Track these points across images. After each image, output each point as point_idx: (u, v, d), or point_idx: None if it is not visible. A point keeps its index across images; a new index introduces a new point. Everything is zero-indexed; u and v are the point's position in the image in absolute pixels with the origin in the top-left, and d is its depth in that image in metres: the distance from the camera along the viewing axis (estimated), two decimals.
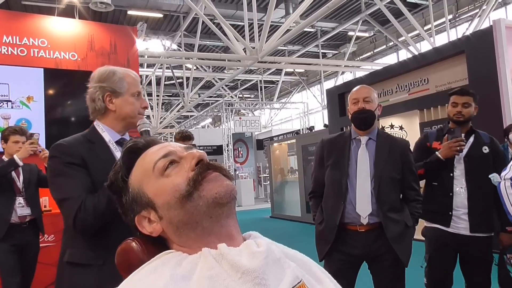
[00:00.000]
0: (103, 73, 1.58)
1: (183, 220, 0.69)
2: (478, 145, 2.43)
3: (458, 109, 2.43)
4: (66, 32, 3.97)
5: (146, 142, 0.81)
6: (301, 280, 0.68)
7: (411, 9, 10.80)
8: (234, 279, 0.62)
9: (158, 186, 0.72)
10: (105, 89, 1.56)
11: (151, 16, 10.52)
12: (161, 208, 0.71)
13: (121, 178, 0.78)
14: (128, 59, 4.19)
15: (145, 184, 0.74)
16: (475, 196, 2.33)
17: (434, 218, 2.46)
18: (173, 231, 0.71)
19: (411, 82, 6.57)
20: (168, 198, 0.70)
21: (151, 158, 0.75)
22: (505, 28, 5.03)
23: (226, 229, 0.70)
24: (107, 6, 7.20)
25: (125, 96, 1.57)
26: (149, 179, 0.73)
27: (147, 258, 0.69)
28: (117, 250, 0.73)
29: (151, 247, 0.72)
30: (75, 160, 1.46)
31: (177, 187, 0.70)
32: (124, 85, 1.57)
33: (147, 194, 0.73)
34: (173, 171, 0.72)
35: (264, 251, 0.67)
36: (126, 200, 0.77)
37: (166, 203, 0.70)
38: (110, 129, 1.59)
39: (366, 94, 2.22)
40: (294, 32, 7.10)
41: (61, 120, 3.83)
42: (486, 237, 2.35)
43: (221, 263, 0.64)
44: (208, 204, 0.68)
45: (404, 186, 2.20)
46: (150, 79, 14.25)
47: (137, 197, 0.74)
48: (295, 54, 14.58)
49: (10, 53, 3.70)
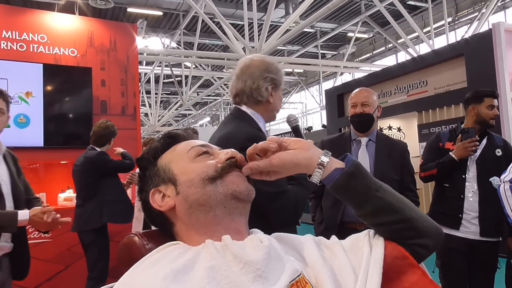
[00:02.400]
0: (270, 64, 1.56)
1: (199, 201, 0.72)
2: (491, 147, 2.40)
3: (495, 112, 2.40)
4: (66, 28, 3.96)
5: (186, 134, 0.87)
6: (301, 273, 0.69)
7: (410, 11, 10.82)
8: (235, 270, 0.63)
9: (187, 165, 0.76)
10: (274, 80, 1.55)
11: (150, 13, 10.50)
12: (182, 185, 0.74)
13: (153, 155, 0.82)
14: (128, 56, 4.18)
15: (174, 163, 0.78)
16: (487, 199, 2.29)
17: (443, 220, 2.41)
18: (186, 208, 0.73)
19: (409, 84, 6.59)
20: (193, 176, 0.74)
21: (188, 144, 0.80)
22: (504, 31, 5.04)
23: (236, 224, 0.73)
24: (107, 3, 7.19)
25: (279, 91, 1.60)
26: (180, 160, 0.77)
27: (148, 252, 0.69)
28: (119, 245, 0.74)
29: (153, 242, 0.73)
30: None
31: (206, 168, 0.74)
32: (282, 80, 1.60)
33: (172, 170, 0.77)
34: (204, 160, 0.76)
35: (266, 246, 0.69)
36: (149, 174, 0.80)
37: (189, 181, 0.74)
38: (263, 120, 1.58)
39: (364, 99, 2.24)
40: (293, 32, 7.10)
41: (60, 116, 3.82)
42: (494, 242, 2.34)
43: (224, 254, 0.66)
44: (226, 194, 0.72)
45: (402, 187, 2.20)
46: (149, 76, 14.23)
47: (162, 172, 0.78)
48: (294, 54, 14.59)
49: (10, 48, 3.68)
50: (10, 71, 3.57)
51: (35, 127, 3.63)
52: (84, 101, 3.87)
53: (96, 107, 3.95)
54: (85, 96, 3.87)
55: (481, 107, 2.41)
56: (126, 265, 0.71)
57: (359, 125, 2.24)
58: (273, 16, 7.77)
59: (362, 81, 7.54)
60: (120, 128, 3.97)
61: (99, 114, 3.94)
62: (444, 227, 2.42)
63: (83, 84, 3.87)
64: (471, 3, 10.86)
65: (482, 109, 2.41)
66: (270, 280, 0.64)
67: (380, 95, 7.06)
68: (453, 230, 2.36)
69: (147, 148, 0.85)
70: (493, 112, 2.40)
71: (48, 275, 3.51)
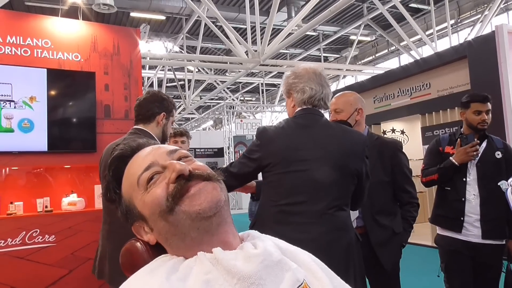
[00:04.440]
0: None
1: (170, 231, 0.68)
2: (491, 150, 2.39)
3: (483, 118, 2.37)
4: (70, 33, 3.98)
5: (131, 149, 0.79)
6: (303, 281, 0.66)
7: (413, 14, 10.81)
8: (231, 284, 0.61)
9: (143, 199, 0.71)
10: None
11: (153, 18, 10.54)
12: (149, 220, 0.71)
13: (113, 191, 0.78)
14: (131, 60, 4.20)
15: (134, 198, 0.73)
16: (488, 202, 2.30)
17: (445, 224, 2.43)
18: (164, 241, 0.71)
19: (413, 86, 6.57)
20: (151, 211, 0.69)
21: (135, 171, 0.73)
22: (507, 33, 5.03)
23: (218, 237, 0.68)
24: (110, 7, 7.22)
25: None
26: (136, 193, 0.72)
27: (151, 258, 0.69)
28: (121, 251, 0.73)
29: (155, 248, 0.72)
30: None
31: (157, 200, 0.68)
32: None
33: (136, 208, 0.72)
34: (155, 184, 0.70)
35: (260, 253, 0.65)
36: (121, 211, 0.77)
37: (151, 215, 0.70)
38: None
39: (334, 106, 2.21)
40: (296, 35, 7.11)
41: (63, 121, 3.83)
42: (497, 245, 2.32)
43: (217, 268, 0.63)
44: (192, 218, 0.66)
45: (396, 188, 2.18)
46: (152, 81, 14.27)
47: (129, 209, 0.74)
48: (297, 57, 14.60)
49: (14, 53, 3.70)
50: (14, 76, 3.58)
51: (39, 131, 3.64)
52: (88, 105, 3.88)
53: (99, 111, 3.96)
54: (89, 100, 3.89)
55: (468, 113, 2.42)
56: (128, 271, 0.71)
57: None
58: (276, 19, 7.79)
59: (365, 84, 7.53)
60: (123, 133, 3.98)
61: (102, 119, 3.95)
62: (447, 230, 2.42)
63: (87, 89, 3.88)
64: (474, 5, 10.84)
65: (469, 115, 2.42)
66: None
67: (383, 97, 7.05)
68: (456, 233, 2.36)
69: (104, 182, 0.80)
70: (480, 117, 2.38)
71: (52, 279, 3.52)
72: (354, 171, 1.64)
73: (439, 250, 2.48)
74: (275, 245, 0.72)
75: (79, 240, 3.60)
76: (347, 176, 1.63)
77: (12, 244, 3.44)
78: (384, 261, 2.05)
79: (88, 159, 3.83)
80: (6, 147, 3.52)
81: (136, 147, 0.79)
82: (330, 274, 0.74)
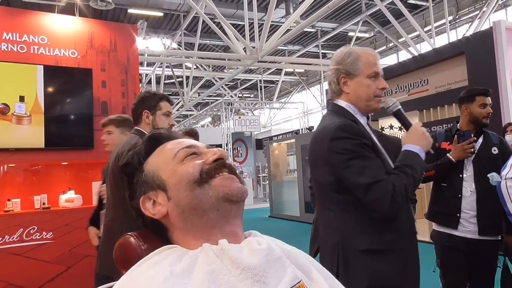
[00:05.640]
0: (339, 55, 1.55)
1: (190, 204, 0.70)
2: (487, 146, 2.40)
3: (488, 111, 2.38)
4: (66, 30, 3.96)
5: (169, 133, 0.83)
6: (301, 280, 0.68)
7: (411, 10, 10.80)
8: (235, 274, 0.62)
9: (174, 169, 0.73)
10: (339, 71, 1.52)
11: (151, 14, 10.51)
12: (172, 189, 0.72)
13: (138, 160, 0.79)
14: (128, 57, 4.19)
15: (162, 169, 0.75)
16: (485, 198, 2.29)
17: (441, 220, 2.43)
18: (179, 214, 0.71)
19: (411, 83, 6.58)
20: (181, 179, 0.71)
21: (174, 146, 0.77)
22: (505, 29, 5.03)
23: (231, 227, 0.71)
24: (108, 4, 7.20)
25: (360, 78, 1.50)
26: (167, 165, 0.75)
27: (145, 253, 0.68)
28: (115, 245, 0.73)
29: (149, 243, 0.72)
30: (368, 141, 1.43)
31: (191, 170, 0.72)
32: (359, 66, 1.50)
33: (161, 176, 0.74)
34: (192, 161, 0.74)
35: (265, 249, 0.68)
36: (137, 181, 0.78)
37: (178, 183, 0.72)
38: (359, 112, 1.53)
39: None
40: (294, 32, 7.10)
41: (61, 118, 3.82)
42: (494, 241, 2.33)
43: (221, 259, 0.64)
44: (218, 197, 0.70)
45: None
46: (150, 77, 14.24)
47: (150, 178, 0.76)
48: (295, 54, 14.58)
49: (10, 50, 3.69)
50: (11, 72, 3.57)
51: (36, 128, 3.64)
52: (85, 102, 3.88)
53: (97, 108, 3.95)
54: (86, 97, 3.88)
55: (474, 106, 2.41)
56: (121, 266, 0.71)
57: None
58: (274, 16, 7.77)
59: None
60: None
61: (99, 115, 3.94)
62: (443, 226, 2.42)
63: (84, 85, 3.87)
64: (472, 1, 10.84)
65: (475, 108, 2.41)
66: (270, 284, 0.63)
67: None
68: (452, 229, 2.36)
69: (131, 152, 0.81)
70: (485, 111, 2.39)
71: (49, 276, 3.52)
72: None
73: (435, 245, 2.49)
74: (275, 244, 0.74)
75: (76, 237, 3.60)
76: None
77: (10, 241, 3.44)
78: None
79: (86, 156, 3.82)
80: (3, 144, 3.51)
81: (173, 134, 0.84)
82: (327, 275, 0.76)
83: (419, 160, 1.43)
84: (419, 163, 1.42)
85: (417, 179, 1.41)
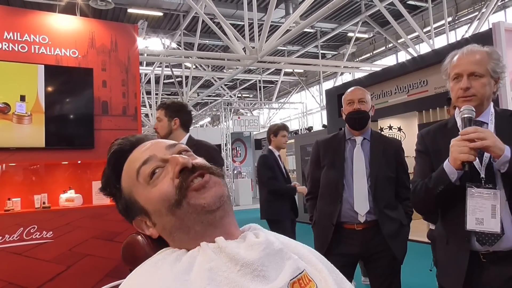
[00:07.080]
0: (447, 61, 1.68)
1: (175, 226, 0.69)
2: None
3: None
4: (67, 29, 3.96)
5: (130, 143, 0.79)
6: (303, 270, 0.68)
7: (410, 11, 10.82)
8: (234, 271, 0.62)
9: (146, 194, 0.71)
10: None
11: (151, 14, 10.51)
12: (153, 215, 0.71)
13: (113, 185, 0.78)
14: (129, 57, 4.19)
15: (135, 192, 0.73)
16: None
17: None
18: (167, 235, 0.72)
19: (410, 83, 6.59)
20: (158, 206, 0.70)
21: (134, 165, 0.74)
22: (504, 31, 5.05)
23: (221, 229, 0.70)
24: (107, 3, 7.20)
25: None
26: (137, 187, 0.73)
27: (152, 252, 0.70)
28: (122, 244, 0.74)
29: (156, 241, 0.73)
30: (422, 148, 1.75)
31: (165, 196, 0.69)
32: (449, 68, 1.65)
33: (139, 202, 0.73)
34: (159, 178, 0.71)
35: (262, 242, 0.67)
36: (121, 206, 0.77)
37: (157, 211, 0.70)
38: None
39: (360, 96, 2.27)
40: (294, 32, 7.11)
41: (61, 117, 3.82)
42: None
43: (219, 256, 0.64)
44: (197, 212, 0.68)
45: (398, 184, 2.24)
46: (149, 77, 14.24)
47: (130, 203, 0.74)
48: (295, 54, 14.59)
49: (11, 49, 3.69)
50: (12, 72, 3.58)
51: (37, 128, 3.64)
52: (85, 101, 3.88)
53: (97, 108, 3.95)
54: (86, 96, 3.88)
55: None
56: (130, 265, 0.72)
57: (357, 121, 2.24)
58: (273, 16, 7.78)
59: (363, 81, 7.54)
60: (121, 129, 3.97)
61: (100, 115, 3.94)
62: None
63: (84, 85, 3.87)
64: (471, 2, 10.86)
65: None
66: (270, 277, 0.64)
67: (381, 95, 7.06)
68: None
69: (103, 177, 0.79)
70: None
71: (49, 275, 3.52)
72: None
73: (432, 245, 2.50)
74: (275, 237, 0.73)
75: (76, 236, 3.61)
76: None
77: (10, 240, 3.44)
78: (398, 253, 2.11)
79: (86, 155, 3.83)
80: (3, 143, 3.52)
81: (135, 142, 0.79)
82: (330, 267, 0.76)
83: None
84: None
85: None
